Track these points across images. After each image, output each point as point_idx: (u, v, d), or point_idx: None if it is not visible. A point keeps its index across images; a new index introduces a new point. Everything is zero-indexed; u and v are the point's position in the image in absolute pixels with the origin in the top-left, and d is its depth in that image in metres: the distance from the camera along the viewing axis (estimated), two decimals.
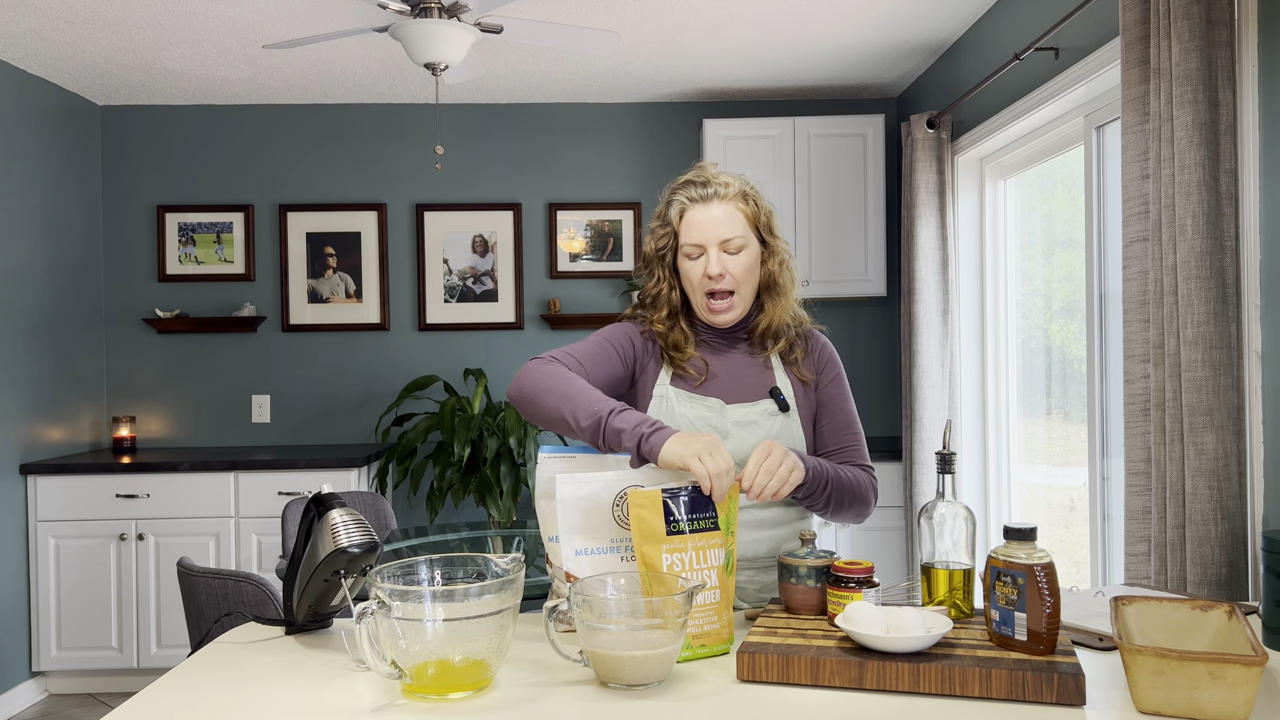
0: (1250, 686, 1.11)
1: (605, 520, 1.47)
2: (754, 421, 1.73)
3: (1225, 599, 1.86)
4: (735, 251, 1.72)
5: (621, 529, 1.47)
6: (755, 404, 1.75)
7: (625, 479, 1.48)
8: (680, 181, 1.78)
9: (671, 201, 1.77)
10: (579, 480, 1.46)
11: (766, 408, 1.74)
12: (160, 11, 3.30)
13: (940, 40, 3.73)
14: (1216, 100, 1.93)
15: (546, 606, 1.35)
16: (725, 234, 1.71)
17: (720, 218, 1.72)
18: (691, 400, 1.75)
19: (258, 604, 2.07)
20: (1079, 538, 3.12)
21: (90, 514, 3.90)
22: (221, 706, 1.24)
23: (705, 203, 1.73)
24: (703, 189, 1.74)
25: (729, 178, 1.76)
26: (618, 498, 1.47)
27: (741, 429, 1.73)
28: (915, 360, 3.79)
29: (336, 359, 4.52)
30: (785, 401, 1.75)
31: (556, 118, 4.55)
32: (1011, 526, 1.33)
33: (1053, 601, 1.26)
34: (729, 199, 1.73)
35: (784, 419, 1.75)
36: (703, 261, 1.72)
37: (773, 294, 1.78)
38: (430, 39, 2.87)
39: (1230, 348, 1.93)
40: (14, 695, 3.80)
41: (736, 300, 1.74)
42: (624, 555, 1.47)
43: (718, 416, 1.73)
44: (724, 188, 1.74)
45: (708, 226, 1.72)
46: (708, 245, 1.71)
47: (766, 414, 1.74)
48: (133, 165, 4.47)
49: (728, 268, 1.71)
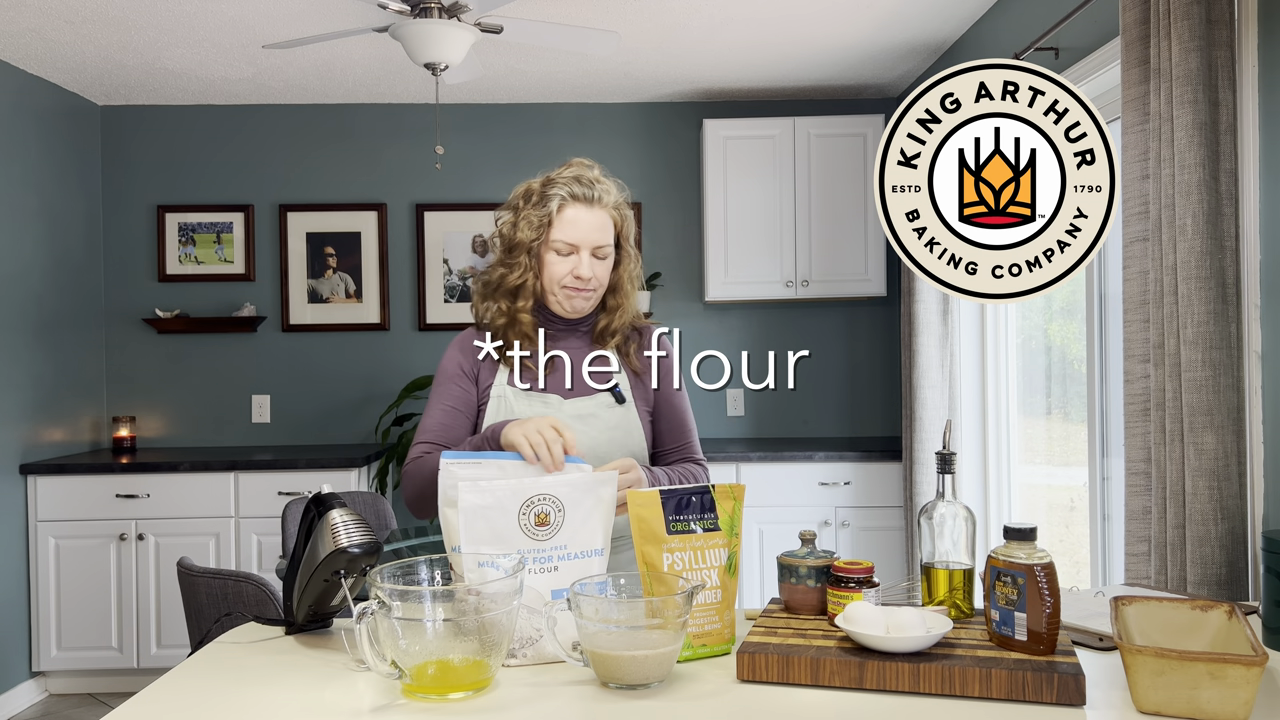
0: (1250, 686, 1.11)
1: (512, 529, 1.41)
2: (592, 414, 1.78)
3: (1225, 599, 1.85)
4: (603, 258, 1.79)
5: (531, 540, 1.42)
6: (592, 397, 1.79)
7: (531, 486, 1.43)
8: (566, 175, 1.79)
9: (552, 195, 1.77)
10: (482, 489, 1.40)
11: (603, 400, 1.79)
12: (160, 11, 3.29)
13: (940, 40, 3.73)
14: (1216, 100, 1.93)
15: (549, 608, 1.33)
16: (600, 240, 1.77)
17: (599, 224, 1.77)
18: (529, 397, 1.79)
19: (258, 604, 2.07)
20: (1079, 538, 3.12)
21: (90, 514, 3.90)
22: (221, 706, 1.24)
23: (589, 205, 1.77)
24: (588, 189, 1.77)
25: (610, 185, 1.81)
26: (524, 505, 1.42)
27: (580, 422, 1.76)
28: (915, 360, 3.79)
29: (336, 359, 4.52)
30: (621, 394, 1.80)
31: (556, 118, 4.55)
32: (1011, 526, 1.33)
33: (1053, 601, 1.26)
34: (607, 207, 1.79)
35: (621, 410, 1.80)
36: (572, 260, 1.76)
37: (618, 297, 1.84)
38: (430, 39, 2.87)
39: (1230, 348, 1.92)
40: (14, 695, 3.80)
41: (594, 296, 1.81)
42: (533, 569, 1.40)
43: (555, 411, 1.77)
44: (606, 194, 1.79)
45: (587, 230, 1.76)
46: (582, 248, 1.76)
47: (603, 406, 1.79)
48: (133, 165, 4.47)
49: (595, 272, 1.77)
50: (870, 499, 3.99)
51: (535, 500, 1.42)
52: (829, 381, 4.56)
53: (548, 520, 1.43)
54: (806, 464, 3.97)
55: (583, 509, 1.45)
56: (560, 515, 1.44)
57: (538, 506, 1.43)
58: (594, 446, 1.76)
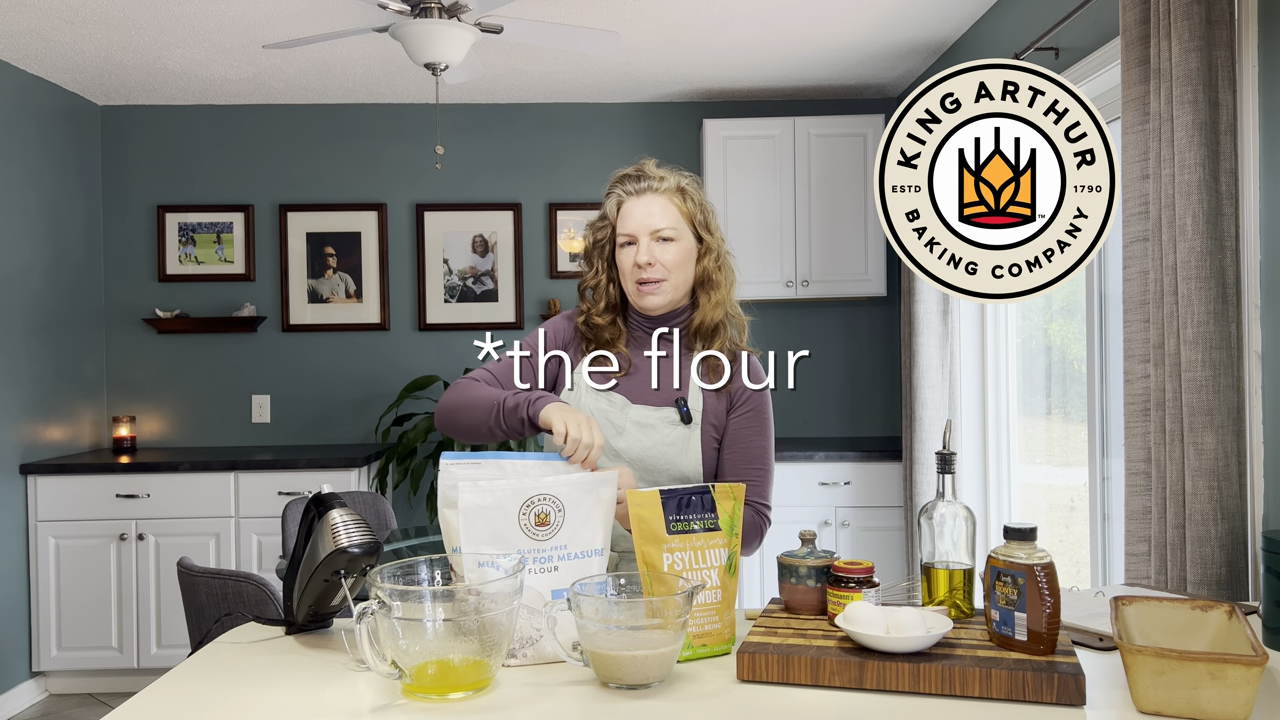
0: (1250, 686, 1.11)
1: (512, 529, 1.41)
2: (652, 425, 1.77)
3: (1225, 599, 1.85)
4: (665, 241, 1.77)
5: (531, 539, 1.42)
6: (659, 409, 1.77)
7: (532, 486, 1.43)
8: (619, 175, 1.84)
9: (610, 195, 1.83)
10: (482, 489, 1.40)
11: (668, 415, 1.77)
12: (160, 11, 3.29)
13: (940, 40, 3.73)
14: (1216, 100, 1.93)
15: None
16: (656, 224, 1.77)
17: (653, 210, 1.78)
18: (597, 395, 1.79)
19: (258, 604, 2.07)
20: (1079, 538, 3.12)
21: (90, 514, 3.90)
22: (221, 706, 1.24)
23: (639, 195, 1.79)
24: (637, 182, 1.80)
25: (666, 173, 1.82)
26: (524, 505, 1.42)
27: (638, 429, 1.76)
28: (915, 360, 3.79)
29: (336, 359, 4.52)
30: (689, 414, 1.77)
31: (556, 118, 4.55)
32: (1011, 526, 1.33)
33: (1053, 601, 1.26)
34: (662, 192, 1.79)
35: (684, 430, 1.77)
36: (633, 250, 1.77)
37: (706, 290, 1.82)
38: (430, 39, 2.87)
39: (1230, 348, 1.92)
40: (14, 695, 3.80)
41: (666, 287, 1.78)
42: (534, 569, 1.40)
43: (618, 413, 1.77)
44: (659, 181, 1.80)
45: (640, 218, 1.77)
46: (639, 235, 1.77)
47: (666, 421, 1.77)
48: (133, 165, 4.47)
49: (657, 256, 1.76)
50: (870, 499, 3.99)
51: (535, 500, 1.42)
52: (829, 381, 4.56)
53: (548, 520, 1.43)
54: (806, 464, 3.97)
55: (583, 509, 1.45)
56: (560, 515, 1.44)
57: (538, 506, 1.43)
58: (644, 456, 1.75)
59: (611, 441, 1.76)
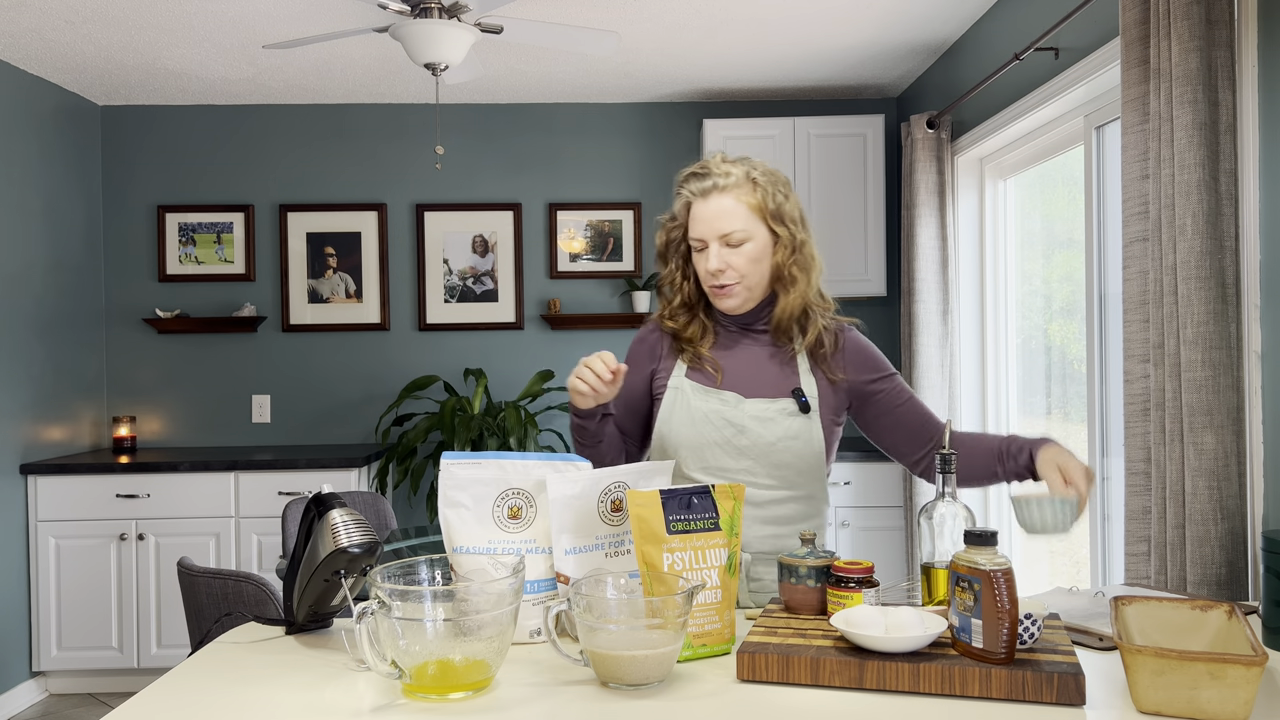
0: (1250, 686, 1.11)
1: (592, 517, 1.49)
2: (771, 418, 1.74)
3: (1225, 599, 1.85)
4: (737, 245, 1.72)
5: (607, 525, 1.49)
6: (775, 401, 1.75)
7: (610, 475, 1.50)
8: (686, 174, 1.78)
9: (679, 195, 1.79)
10: (569, 479, 1.47)
11: (786, 406, 1.74)
12: (160, 11, 3.30)
13: (940, 40, 3.73)
14: (1216, 100, 1.93)
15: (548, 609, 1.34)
16: (725, 228, 1.71)
17: (720, 212, 1.71)
18: (706, 394, 1.76)
19: (258, 604, 2.07)
20: (1079, 538, 3.12)
21: (90, 514, 3.90)
22: (221, 706, 1.24)
23: (705, 196, 1.73)
24: (703, 181, 1.74)
25: (731, 166, 1.74)
26: (602, 493, 1.49)
27: (758, 424, 1.73)
28: (915, 360, 3.79)
29: (336, 359, 4.52)
30: (806, 403, 1.74)
31: (556, 118, 4.55)
32: (972, 530, 1.28)
33: (1010, 609, 1.24)
34: (729, 189, 1.72)
35: (804, 419, 1.74)
36: (705, 255, 1.73)
37: (783, 285, 1.77)
38: (430, 39, 2.87)
39: (1230, 348, 1.92)
40: (14, 695, 3.80)
41: (740, 289, 1.74)
42: (608, 552, 1.49)
43: (733, 410, 1.74)
44: (724, 178, 1.72)
45: (708, 221, 1.72)
46: (708, 240, 1.72)
47: (785, 412, 1.74)
48: (133, 165, 4.47)
49: (729, 261, 1.71)
50: (870, 499, 3.99)
51: (611, 488, 1.50)
52: None
53: (621, 506, 1.51)
54: None
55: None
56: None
57: (613, 494, 1.50)
58: (769, 451, 1.73)
59: (733, 440, 1.73)
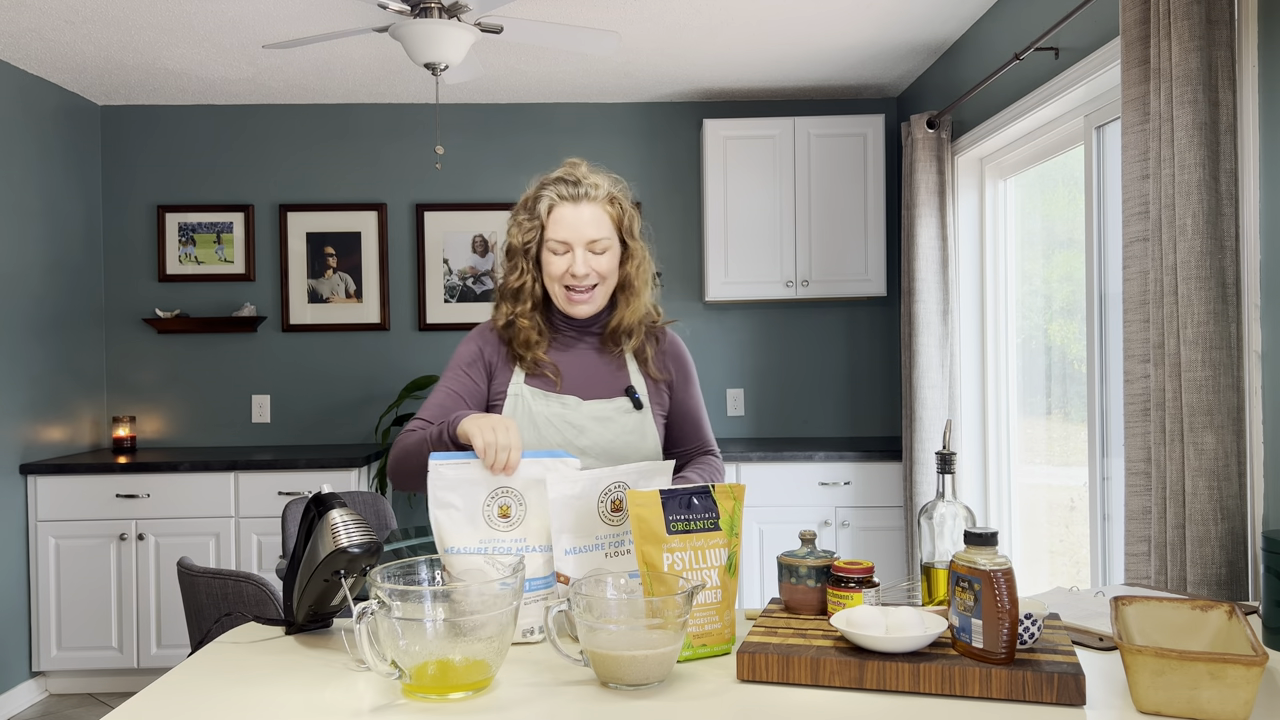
0: (1250, 686, 1.11)
1: (592, 517, 1.50)
2: (609, 418, 1.82)
3: (1225, 599, 1.86)
4: (600, 252, 1.80)
5: (607, 525, 1.51)
6: (611, 400, 1.83)
7: (610, 475, 1.52)
8: (552, 178, 1.83)
9: (541, 196, 1.82)
10: (569, 479, 1.48)
11: (621, 405, 1.83)
12: (160, 11, 3.30)
13: (940, 40, 3.73)
14: (1216, 100, 1.93)
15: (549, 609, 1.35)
16: (592, 235, 1.78)
17: (589, 219, 1.79)
18: (547, 398, 1.81)
19: (258, 604, 2.07)
20: (1079, 538, 3.12)
21: (90, 514, 3.90)
22: (221, 706, 1.24)
23: (575, 202, 1.79)
24: (574, 188, 1.80)
25: (599, 179, 1.83)
26: (602, 493, 1.50)
27: (597, 424, 1.81)
28: (915, 360, 3.79)
29: (336, 359, 4.52)
30: (640, 400, 1.84)
31: (556, 118, 4.55)
32: (972, 531, 1.29)
33: (1010, 609, 1.24)
34: (598, 200, 1.80)
35: (638, 416, 1.84)
36: (568, 258, 1.79)
37: (627, 294, 1.86)
38: (430, 39, 2.87)
39: (1230, 348, 1.93)
40: (14, 695, 3.80)
41: (597, 295, 1.82)
42: (608, 552, 1.51)
43: (574, 412, 1.81)
44: (594, 189, 1.80)
45: (577, 226, 1.78)
46: (575, 244, 1.78)
47: (621, 411, 1.83)
48: (133, 165, 4.47)
49: (592, 266, 1.79)
50: (870, 499, 3.99)
51: (611, 488, 1.51)
52: (829, 381, 4.56)
53: (621, 506, 1.52)
54: (806, 464, 3.97)
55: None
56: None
57: (613, 494, 1.51)
58: (610, 448, 1.82)
59: (574, 441, 1.80)
